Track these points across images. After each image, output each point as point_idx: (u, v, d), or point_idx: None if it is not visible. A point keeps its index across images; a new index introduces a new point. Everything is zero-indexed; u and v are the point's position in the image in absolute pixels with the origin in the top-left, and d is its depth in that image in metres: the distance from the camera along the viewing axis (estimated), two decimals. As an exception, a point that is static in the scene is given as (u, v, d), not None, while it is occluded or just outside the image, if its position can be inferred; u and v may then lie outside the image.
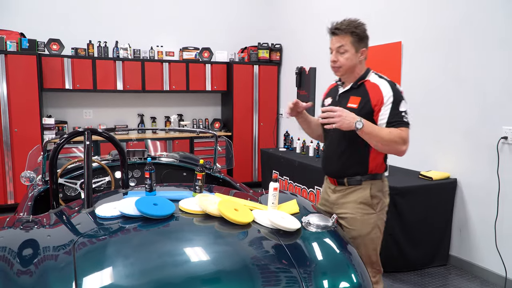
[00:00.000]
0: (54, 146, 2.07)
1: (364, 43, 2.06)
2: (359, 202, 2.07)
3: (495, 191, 3.19)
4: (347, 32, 2.00)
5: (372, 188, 2.07)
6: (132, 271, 1.36)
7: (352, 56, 2.03)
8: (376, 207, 2.08)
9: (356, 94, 2.06)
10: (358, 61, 2.06)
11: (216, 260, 1.47)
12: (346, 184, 2.11)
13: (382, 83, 2.02)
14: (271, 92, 6.37)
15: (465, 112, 3.44)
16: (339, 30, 2.02)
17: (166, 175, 3.14)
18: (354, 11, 4.70)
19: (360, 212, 2.07)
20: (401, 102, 1.98)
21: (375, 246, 2.11)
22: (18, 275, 1.32)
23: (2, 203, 4.95)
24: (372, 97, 2.00)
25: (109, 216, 1.65)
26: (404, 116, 1.96)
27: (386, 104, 1.96)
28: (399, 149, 1.94)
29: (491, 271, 3.27)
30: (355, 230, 2.07)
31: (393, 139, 1.90)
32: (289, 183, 4.69)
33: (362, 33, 2.03)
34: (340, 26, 2.02)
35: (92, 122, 5.80)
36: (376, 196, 2.08)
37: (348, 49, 2.02)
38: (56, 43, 5.29)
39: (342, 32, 2.01)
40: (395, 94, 1.97)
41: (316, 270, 1.49)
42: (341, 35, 2.02)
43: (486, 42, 3.25)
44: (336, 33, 2.04)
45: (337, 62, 2.06)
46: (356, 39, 2.02)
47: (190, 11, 6.26)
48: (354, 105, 2.03)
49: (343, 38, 2.01)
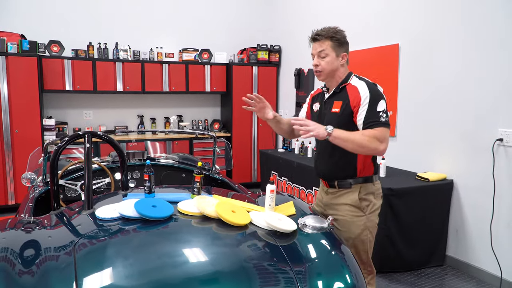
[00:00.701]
0: (55, 149, 2.10)
1: (344, 48, 2.14)
2: (348, 204, 2.12)
3: (491, 192, 3.22)
4: (327, 37, 2.10)
5: (362, 191, 2.11)
6: (132, 271, 1.39)
7: (332, 60, 2.11)
8: (366, 210, 2.12)
9: (338, 98, 2.12)
10: (339, 65, 2.13)
11: (213, 261, 1.50)
12: (336, 187, 2.16)
13: (360, 85, 2.07)
14: (270, 93, 6.40)
15: (462, 114, 3.47)
16: (320, 35, 2.11)
17: (165, 177, 3.17)
18: (352, 13, 4.74)
19: (350, 214, 2.11)
20: (379, 102, 2.01)
21: (365, 247, 2.14)
22: (20, 275, 1.36)
23: (2, 203, 4.98)
24: (351, 99, 2.05)
25: (109, 218, 1.68)
26: (381, 116, 1.99)
27: (363, 104, 2.01)
28: (377, 149, 1.95)
29: (486, 271, 3.31)
30: (345, 232, 2.12)
31: (367, 141, 1.93)
32: (287, 183, 4.72)
33: (342, 38, 2.13)
34: (320, 32, 2.12)
35: (92, 123, 5.84)
36: (366, 199, 2.12)
37: (328, 53, 2.10)
38: (57, 44, 5.32)
39: (322, 38, 2.10)
40: (372, 94, 2.02)
41: (311, 271, 1.52)
42: (321, 40, 2.11)
43: (483, 44, 3.28)
44: (316, 39, 2.13)
45: (318, 66, 2.13)
46: (336, 43, 2.11)
47: (189, 13, 6.29)
48: (336, 109, 2.10)
49: (324, 43, 2.10)
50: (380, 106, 2.00)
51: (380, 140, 1.95)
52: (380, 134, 1.95)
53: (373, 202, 2.14)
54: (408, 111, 4.03)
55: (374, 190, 2.15)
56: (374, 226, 2.17)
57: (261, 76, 6.31)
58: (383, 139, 1.96)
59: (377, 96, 2.02)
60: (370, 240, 2.14)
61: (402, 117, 4.10)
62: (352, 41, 4.94)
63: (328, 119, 2.11)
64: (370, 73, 4.45)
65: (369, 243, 2.15)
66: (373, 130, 1.96)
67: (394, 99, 4.14)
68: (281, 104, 6.45)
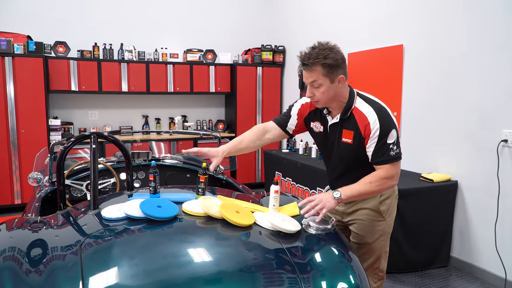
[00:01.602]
0: (61, 149, 2.13)
1: (339, 70, 1.85)
2: (369, 208, 2.04)
3: (496, 193, 3.21)
4: (317, 64, 1.81)
5: (382, 195, 2.04)
6: (137, 271, 1.41)
7: (328, 89, 1.85)
8: (386, 214, 2.05)
9: (348, 126, 1.94)
10: (337, 90, 1.89)
11: (218, 261, 1.52)
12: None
13: (368, 111, 1.88)
14: (275, 94, 6.41)
15: (466, 114, 3.46)
16: (308, 65, 1.83)
17: (170, 177, 3.19)
18: (356, 13, 4.74)
19: (370, 218, 2.04)
20: (390, 134, 1.85)
21: (381, 252, 2.09)
22: (27, 274, 1.37)
23: (9, 203, 5.03)
24: (361, 129, 1.89)
25: (115, 218, 1.70)
26: (392, 149, 1.86)
27: (373, 137, 1.86)
28: (388, 187, 1.92)
29: (491, 272, 3.30)
30: (363, 236, 2.05)
31: (377, 186, 1.88)
32: (292, 184, 4.73)
33: (334, 61, 1.81)
34: (307, 61, 1.82)
35: (98, 123, 5.87)
36: (385, 203, 2.05)
37: (322, 83, 1.84)
38: (62, 45, 5.36)
39: (312, 67, 1.82)
40: (382, 125, 1.85)
41: (315, 272, 1.53)
42: (311, 69, 1.83)
43: (487, 45, 3.28)
44: (306, 68, 1.85)
45: (314, 97, 1.91)
46: (328, 70, 1.81)
47: (194, 14, 6.31)
48: (349, 140, 1.94)
49: (314, 72, 1.83)
50: (391, 137, 1.86)
51: (389, 177, 1.89)
52: (388, 173, 1.88)
53: (392, 205, 2.08)
54: (412, 111, 4.02)
55: (392, 192, 2.08)
56: (390, 231, 2.11)
57: (265, 76, 6.31)
58: (392, 175, 1.89)
59: (388, 127, 1.86)
60: (385, 244, 2.10)
61: (407, 118, 4.09)
62: (356, 41, 4.98)
63: (341, 149, 1.99)
64: (374, 74, 4.46)
65: (385, 248, 2.10)
66: (381, 170, 1.88)
67: (399, 100, 4.14)
68: (286, 105, 6.46)
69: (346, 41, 4.92)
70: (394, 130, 1.87)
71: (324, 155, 2.16)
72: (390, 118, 1.89)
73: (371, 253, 2.07)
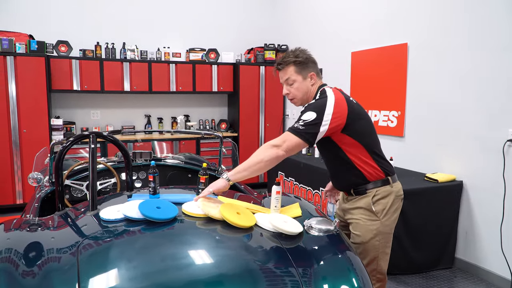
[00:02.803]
0: (60, 149, 2.10)
1: (310, 67, 2.07)
2: (362, 208, 2.06)
3: (501, 194, 3.17)
4: (288, 63, 2.05)
5: (376, 195, 2.04)
6: (135, 274, 1.38)
7: (301, 85, 2.07)
8: (380, 214, 2.04)
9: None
10: (309, 86, 2.08)
11: (218, 264, 1.48)
12: (353, 194, 2.10)
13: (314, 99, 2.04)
14: (277, 93, 6.37)
15: (472, 114, 3.42)
16: (281, 64, 2.08)
17: (171, 177, 3.16)
18: (360, 12, 4.70)
19: (363, 217, 2.06)
20: (307, 112, 1.92)
21: (377, 253, 2.06)
22: (23, 276, 1.35)
23: (11, 202, 5.02)
24: None
25: (113, 219, 1.67)
26: (299, 122, 1.91)
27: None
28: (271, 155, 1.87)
29: (496, 274, 3.25)
30: (358, 236, 2.06)
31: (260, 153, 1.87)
32: (294, 184, 4.70)
33: (304, 59, 2.05)
34: (280, 61, 2.08)
35: (100, 123, 5.86)
36: (380, 203, 2.04)
37: (295, 79, 2.06)
38: (64, 44, 5.34)
39: (284, 65, 2.07)
40: (309, 104, 1.98)
41: (317, 274, 1.50)
42: (284, 69, 2.07)
43: (493, 44, 3.23)
44: (279, 68, 2.09)
45: (289, 94, 2.10)
46: (299, 67, 2.05)
47: (196, 13, 6.29)
48: None
49: (287, 70, 2.07)
50: (307, 115, 1.91)
51: (277, 145, 1.88)
52: (279, 140, 1.89)
53: (389, 205, 2.06)
54: (416, 111, 3.98)
55: (390, 192, 2.07)
56: (388, 232, 2.08)
57: (268, 76, 6.28)
58: (280, 144, 1.88)
59: (310, 106, 1.95)
60: (383, 246, 2.06)
61: (411, 117, 4.05)
62: (359, 40, 4.95)
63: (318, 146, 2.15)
64: (378, 73, 4.42)
65: (381, 249, 2.06)
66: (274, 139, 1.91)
67: (403, 99, 4.10)
68: (288, 104, 6.43)
69: (349, 40, 4.89)
70: (313, 113, 1.90)
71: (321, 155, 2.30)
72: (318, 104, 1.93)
73: (366, 253, 2.06)
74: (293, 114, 6.28)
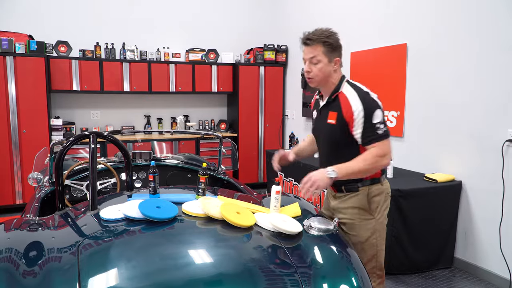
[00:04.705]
0: (60, 149, 2.10)
1: (337, 52, 2.02)
2: (357, 207, 2.05)
3: (500, 194, 3.18)
4: (319, 42, 1.97)
5: (370, 193, 2.04)
6: (135, 273, 1.39)
7: (325, 66, 2.00)
8: (375, 212, 2.05)
9: (332, 108, 2.04)
10: (332, 71, 2.03)
11: (217, 263, 1.49)
12: (344, 191, 2.09)
13: (351, 96, 1.97)
14: (277, 93, 6.38)
15: (471, 114, 3.43)
16: (311, 40, 1.99)
17: (171, 177, 3.17)
18: (359, 12, 4.71)
19: (358, 217, 2.05)
20: (374, 114, 1.92)
21: (375, 251, 2.07)
22: (23, 276, 1.35)
23: (11, 203, 5.02)
24: (344, 111, 1.97)
25: (113, 219, 1.67)
26: (379, 128, 1.91)
27: (357, 119, 1.92)
28: (382, 165, 1.93)
29: (495, 274, 3.26)
30: (354, 236, 2.06)
31: (370, 165, 1.90)
32: (294, 184, 4.70)
33: (334, 43, 2.00)
34: (311, 36, 1.99)
35: (100, 123, 5.86)
36: (374, 201, 2.05)
37: (320, 59, 1.99)
38: (64, 45, 5.35)
39: (314, 42, 1.98)
40: (366, 107, 1.92)
41: (317, 273, 1.51)
42: (313, 46, 1.99)
43: (492, 44, 3.24)
44: (308, 44, 2.01)
45: (310, 73, 2.03)
46: (329, 48, 1.98)
47: (196, 13, 6.29)
48: (332, 121, 2.03)
49: (315, 48, 1.99)
50: (376, 117, 1.92)
51: (382, 155, 1.91)
52: (380, 151, 1.90)
53: (382, 203, 2.08)
54: (416, 111, 3.99)
55: (382, 190, 2.08)
56: (383, 228, 2.11)
57: (268, 76, 6.29)
58: (384, 153, 1.91)
59: (371, 107, 1.93)
60: (380, 243, 2.08)
61: (410, 117, 4.06)
62: (359, 40, 4.94)
63: (326, 130, 2.09)
64: (378, 73, 4.42)
65: (379, 246, 2.08)
66: (373, 149, 1.91)
67: (402, 99, 4.10)
68: (288, 104, 6.43)
69: (349, 40, 4.89)
70: (378, 110, 1.94)
71: (316, 140, 2.27)
72: (373, 100, 1.96)
73: (364, 252, 2.06)
74: (292, 114, 6.29)
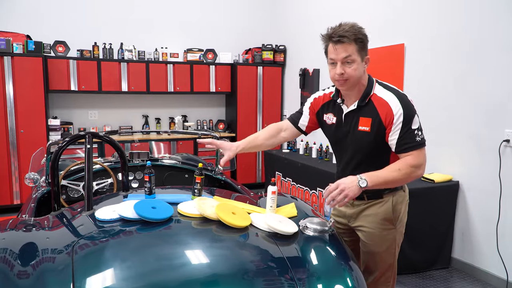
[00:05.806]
0: (55, 149, 2.10)
1: (366, 49, 1.81)
2: (381, 218, 1.90)
3: (497, 194, 3.18)
4: (352, 40, 1.73)
5: (394, 201, 1.91)
6: (130, 274, 1.39)
7: (359, 66, 1.77)
8: (397, 221, 1.93)
9: (365, 114, 1.83)
10: (363, 71, 1.83)
11: (213, 263, 1.49)
12: (365, 198, 1.92)
13: (389, 97, 1.80)
14: (275, 94, 6.38)
15: (468, 115, 3.43)
16: (345, 37, 1.72)
17: (168, 177, 3.16)
18: (357, 12, 4.71)
19: (380, 228, 1.91)
20: (413, 119, 1.78)
21: (392, 260, 1.99)
22: (18, 276, 1.35)
23: (8, 203, 5.01)
24: (382, 116, 1.79)
25: (109, 219, 1.67)
26: (417, 134, 1.78)
27: (396, 123, 1.76)
28: (415, 176, 1.78)
29: (492, 274, 3.26)
30: (373, 245, 1.95)
31: (404, 175, 1.75)
32: (292, 184, 4.70)
33: (365, 39, 1.77)
34: (345, 33, 1.71)
35: (97, 123, 5.85)
36: (397, 210, 1.92)
37: (355, 59, 1.75)
38: (62, 45, 5.34)
39: (348, 40, 1.72)
40: (406, 110, 1.77)
41: (311, 274, 1.50)
42: (346, 43, 1.73)
43: (489, 45, 3.24)
44: (342, 41, 1.73)
45: (344, 74, 1.77)
46: (361, 46, 1.76)
47: (194, 13, 6.28)
48: (366, 128, 1.82)
49: (349, 47, 1.73)
50: (415, 123, 1.78)
51: (417, 166, 1.77)
52: (416, 160, 1.76)
53: (403, 211, 1.96)
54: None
55: (404, 197, 1.97)
56: (402, 237, 2.00)
57: (266, 76, 6.29)
58: (420, 164, 1.77)
59: (411, 111, 1.78)
60: (397, 251, 1.99)
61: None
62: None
63: (355, 138, 1.87)
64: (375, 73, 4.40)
65: (396, 254, 2.00)
66: (408, 157, 1.77)
67: (399, 100, 4.10)
68: (286, 105, 6.43)
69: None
70: (416, 116, 1.81)
71: (337, 148, 2.02)
72: (411, 104, 1.82)
73: (382, 263, 1.97)
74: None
